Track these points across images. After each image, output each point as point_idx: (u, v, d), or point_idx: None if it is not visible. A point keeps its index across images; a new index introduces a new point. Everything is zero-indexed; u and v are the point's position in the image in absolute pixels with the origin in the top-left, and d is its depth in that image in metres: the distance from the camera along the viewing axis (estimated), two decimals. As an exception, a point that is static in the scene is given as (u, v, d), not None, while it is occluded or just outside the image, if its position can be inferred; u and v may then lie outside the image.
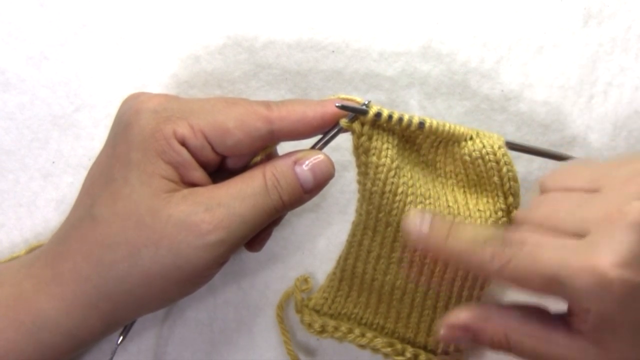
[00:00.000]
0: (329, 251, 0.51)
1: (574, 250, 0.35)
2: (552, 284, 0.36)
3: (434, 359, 0.46)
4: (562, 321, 0.38)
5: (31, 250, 0.50)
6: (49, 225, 0.51)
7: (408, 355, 0.46)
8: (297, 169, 0.41)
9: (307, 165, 0.42)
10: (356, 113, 0.41)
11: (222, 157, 0.42)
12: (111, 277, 0.40)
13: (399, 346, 0.46)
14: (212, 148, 0.41)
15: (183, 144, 0.40)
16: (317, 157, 0.42)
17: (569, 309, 0.38)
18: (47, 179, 0.51)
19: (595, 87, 0.50)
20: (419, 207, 0.43)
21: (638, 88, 0.50)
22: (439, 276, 0.44)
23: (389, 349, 0.46)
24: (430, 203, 0.43)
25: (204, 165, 0.41)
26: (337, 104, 0.41)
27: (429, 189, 0.44)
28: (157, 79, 0.51)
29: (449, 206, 0.43)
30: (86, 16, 0.51)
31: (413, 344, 0.46)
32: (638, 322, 0.36)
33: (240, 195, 0.40)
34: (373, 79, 0.51)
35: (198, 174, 0.41)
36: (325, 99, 0.42)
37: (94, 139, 0.51)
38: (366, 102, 0.41)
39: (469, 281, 0.44)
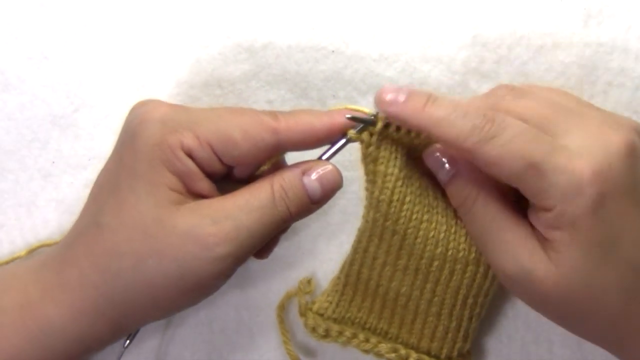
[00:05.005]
0: (329, 251, 0.51)
1: (556, 146, 0.37)
2: (530, 171, 0.37)
3: None
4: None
5: (32, 250, 0.50)
6: (49, 225, 0.51)
7: None
8: (305, 179, 0.41)
9: (315, 176, 0.41)
10: (365, 124, 0.41)
11: (229, 167, 0.42)
12: (117, 285, 0.40)
13: (402, 351, 0.46)
14: (219, 159, 0.40)
15: (189, 154, 0.40)
16: (325, 167, 0.42)
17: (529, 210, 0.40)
18: (47, 179, 0.51)
19: (595, 87, 0.50)
20: (426, 216, 0.43)
21: (638, 88, 0.50)
22: (445, 284, 0.44)
23: (393, 355, 0.46)
24: (437, 212, 0.43)
25: (210, 175, 0.41)
26: (347, 116, 0.41)
27: (436, 198, 0.43)
28: (157, 79, 0.51)
29: (456, 216, 0.43)
30: (86, 16, 0.51)
31: (417, 350, 0.46)
32: (592, 239, 0.37)
33: (248, 208, 0.40)
34: (373, 79, 0.51)
35: (204, 184, 0.41)
36: (333, 109, 0.42)
37: (94, 139, 0.51)
38: (375, 113, 0.41)
39: (474, 289, 0.44)
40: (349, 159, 0.49)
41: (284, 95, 0.51)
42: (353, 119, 0.41)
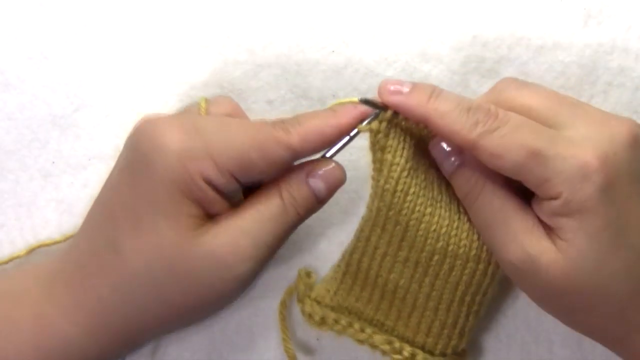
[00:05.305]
0: (329, 251, 0.51)
1: (558, 136, 0.38)
2: (534, 159, 0.37)
3: (430, 359, 0.46)
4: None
5: (32, 250, 0.50)
6: (49, 225, 0.51)
7: (405, 354, 0.46)
8: (311, 181, 0.42)
9: (320, 176, 0.42)
10: (378, 108, 0.41)
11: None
12: (138, 308, 0.40)
13: (397, 344, 0.46)
14: (236, 180, 0.41)
15: (209, 183, 0.40)
16: (328, 165, 0.43)
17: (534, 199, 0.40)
18: (47, 179, 0.51)
19: (595, 87, 0.50)
20: (429, 209, 0.43)
21: (638, 88, 0.50)
22: (444, 279, 0.44)
23: (387, 346, 0.46)
24: (441, 207, 0.43)
25: (225, 193, 0.42)
26: (360, 99, 0.41)
27: (441, 193, 0.44)
28: (157, 79, 0.51)
29: (459, 211, 0.43)
30: (87, 16, 0.51)
31: (412, 344, 0.46)
32: (600, 225, 0.37)
33: (262, 221, 0.41)
34: (373, 79, 0.51)
35: (221, 205, 0.41)
36: (337, 106, 0.42)
37: (94, 139, 0.51)
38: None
39: (472, 287, 0.44)
40: (349, 158, 0.49)
41: (284, 95, 0.51)
42: (366, 102, 0.41)
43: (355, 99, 0.42)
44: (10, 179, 0.51)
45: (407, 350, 0.46)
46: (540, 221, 0.39)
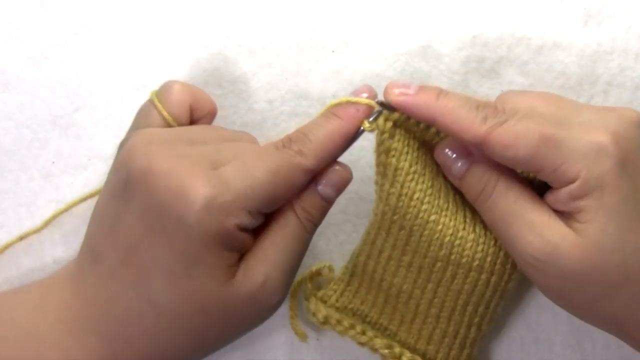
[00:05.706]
0: (329, 251, 0.51)
1: (568, 121, 0.39)
2: (546, 143, 0.37)
3: None
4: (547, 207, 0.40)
5: (23, 237, 0.50)
6: (48, 225, 0.51)
7: (404, 359, 0.46)
8: (320, 189, 0.42)
9: (329, 181, 0.42)
10: (386, 108, 0.41)
11: None
12: (172, 351, 0.41)
13: (397, 349, 0.46)
14: (263, 213, 0.41)
15: (244, 229, 0.40)
16: (334, 169, 0.43)
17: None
18: (47, 179, 0.51)
19: (595, 87, 0.50)
20: (433, 217, 0.43)
21: (638, 88, 0.50)
22: (446, 286, 0.44)
23: (386, 351, 0.46)
24: (445, 215, 0.43)
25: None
26: (377, 101, 0.42)
27: (447, 202, 0.43)
28: (157, 79, 0.51)
29: (464, 222, 0.43)
30: (87, 16, 0.51)
31: (412, 350, 0.46)
32: (620, 200, 0.37)
33: (285, 246, 0.41)
34: (373, 79, 0.51)
35: (251, 242, 0.41)
36: (338, 109, 0.42)
37: (94, 139, 0.51)
38: (381, 101, 0.42)
39: (474, 296, 0.44)
40: (349, 158, 0.48)
41: (284, 95, 0.51)
42: (382, 104, 0.41)
43: (351, 97, 0.42)
44: (10, 179, 0.51)
45: (407, 356, 0.46)
46: (556, 212, 0.39)
